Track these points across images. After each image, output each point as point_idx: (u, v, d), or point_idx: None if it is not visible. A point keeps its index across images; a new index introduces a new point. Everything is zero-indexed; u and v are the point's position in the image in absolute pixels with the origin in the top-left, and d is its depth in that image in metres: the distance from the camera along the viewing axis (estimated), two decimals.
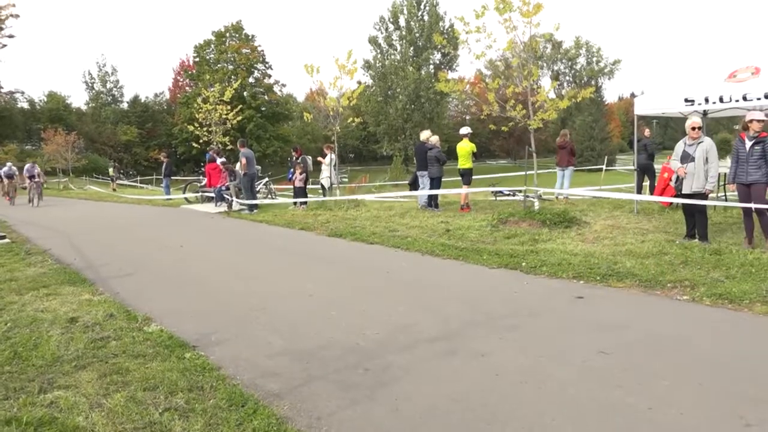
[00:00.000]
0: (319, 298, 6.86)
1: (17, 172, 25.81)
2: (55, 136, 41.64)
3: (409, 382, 4.30)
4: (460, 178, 13.68)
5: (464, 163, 13.44)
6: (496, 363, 4.56)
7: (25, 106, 63.72)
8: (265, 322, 5.97)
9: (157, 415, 3.81)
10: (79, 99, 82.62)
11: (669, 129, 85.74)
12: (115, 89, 69.15)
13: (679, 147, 8.57)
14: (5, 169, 25.53)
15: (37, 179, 23.03)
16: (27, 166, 23.81)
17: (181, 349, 5.11)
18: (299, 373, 4.57)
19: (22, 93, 64.46)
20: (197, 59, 67.40)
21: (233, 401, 3.98)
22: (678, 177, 8.46)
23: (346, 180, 25.15)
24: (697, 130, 8.32)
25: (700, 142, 8.30)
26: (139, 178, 40.97)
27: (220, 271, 8.58)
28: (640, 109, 11.24)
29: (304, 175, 16.19)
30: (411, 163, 60.33)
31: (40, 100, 64.78)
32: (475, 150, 13.55)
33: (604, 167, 17.98)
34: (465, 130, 13.78)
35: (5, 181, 25.15)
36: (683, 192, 8.41)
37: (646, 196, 12.04)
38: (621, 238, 9.00)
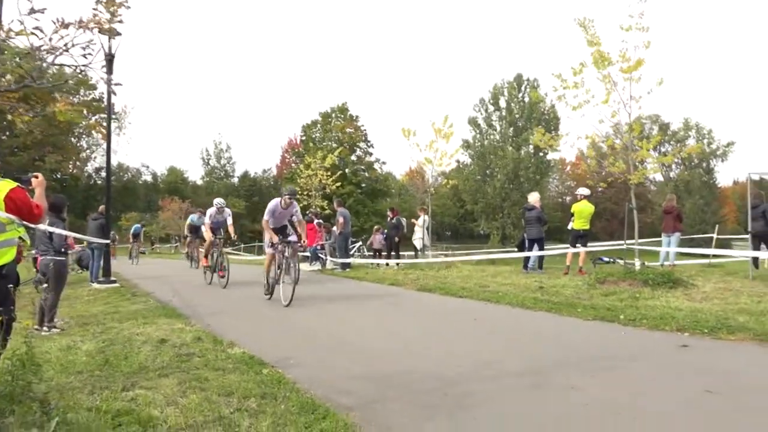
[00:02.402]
0: (402, 337, 6.73)
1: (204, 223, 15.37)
2: (171, 203, 44.83)
3: (489, 407, 4.03)
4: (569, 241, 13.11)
5: (583, 224, 12.83)
6: (587, 396, 4.20)
7: (149, 179, 69.52)
8: (345, 353, 5.91)
9: (228, 412, 3.82)
10: (195, 173, 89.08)
11: None
12: (228, 165, 73.86)
13: None
14: (193, 216, 19.13)
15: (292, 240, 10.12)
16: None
17: (259, 366, 5.16)
18: (374, 393, 4.44)
19: (147, 167, 70.43)
20: (304, 138, 71.05)
21: (304, 408, 3.92)
22: None
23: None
24: None
25: None
26: (242, 246, 42.86)
27: (307, 315, 8.60)
28: (755, 170, 10.52)
29: (397, 236, 16.37)
30: (508, 242, 59.40)
31: (162, 174, 70.44)
32: (593, 212, 12.99)
33: (715, 235, 16.81)
34: (584, 191, 13.21)
35: (189, 237, 19.28)
36: None
37: (765, 253, 11.08)
38: (733, 298, 8.23)
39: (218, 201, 13.60)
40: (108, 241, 14.08)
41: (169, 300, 9.96)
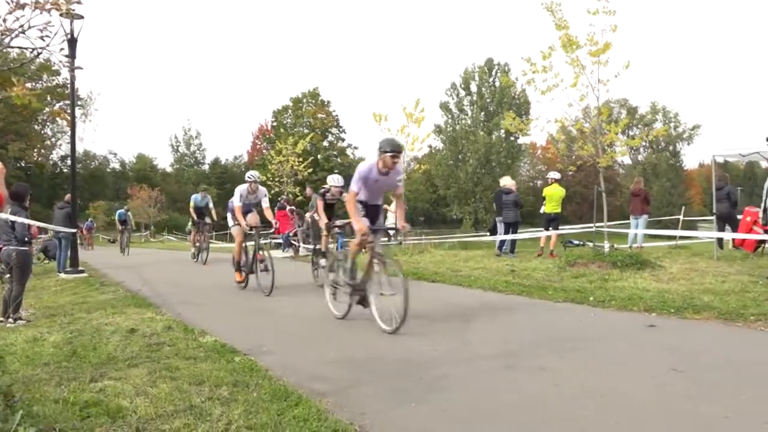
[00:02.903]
0: (374, 322, 6.70)
1: (210, 202, 16.50)
2: (140, 191, 44.15)
3: (462, 390, 4.06)
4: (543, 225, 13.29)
5: (554, 208, 13.05)
6: (557, 376, 4.26)
7: (117, 167, 68.36)
8: (318, 339, 5.92)
9: (199, 401, 3.76)
10: (164, 161, 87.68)
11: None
12: (197, 152, 72.87)
13: None
14: (196, 196, 16.52)
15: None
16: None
17: (231, 354, 5.10)
18: (347, 378, 4.44)
19: (115, 155, 69.12)
20: (275, 124, 70.40)
21: (277, 395, 3.88)
22: None
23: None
24: None
25: None
26: (214, 234, 42.60)
27: (280, 303, 8.55)
28: (719, 152, 10.75)
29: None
30: (481, 226, 59.89)
31: (130, 162, 69.28)
32: (564, 196, 13.17)
33: (681, 217, 17.17)
34: (555, 174, 13.43)
35: (198, 223, 16.21)
36: None
37: (729, 234, 11.35)
38: (699, 279, 8.43)
39: (251, 174, 10.08)
40: (75, 230, 13.81)
41: (138, 289, 9.80)
